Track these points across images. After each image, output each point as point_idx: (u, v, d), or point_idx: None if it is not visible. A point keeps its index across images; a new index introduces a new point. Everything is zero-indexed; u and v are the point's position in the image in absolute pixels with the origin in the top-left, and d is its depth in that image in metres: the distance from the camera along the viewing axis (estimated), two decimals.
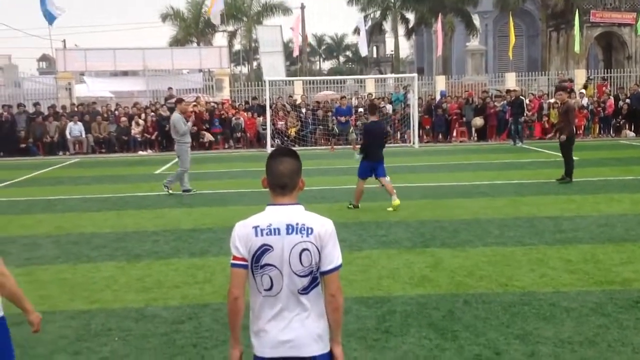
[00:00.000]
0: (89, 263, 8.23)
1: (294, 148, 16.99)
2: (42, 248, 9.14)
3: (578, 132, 25.08)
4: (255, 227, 2.98)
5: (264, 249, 2.95)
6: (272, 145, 23.57)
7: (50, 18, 30.70)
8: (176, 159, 14.82)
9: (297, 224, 2.97)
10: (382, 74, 66.57)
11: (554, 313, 5.88)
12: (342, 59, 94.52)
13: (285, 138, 24.98)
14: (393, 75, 39.50)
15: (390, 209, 11.17)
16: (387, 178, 11.53)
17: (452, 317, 5.90)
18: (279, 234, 2.95)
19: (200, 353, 5.26)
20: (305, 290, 2.98)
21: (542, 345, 5.18)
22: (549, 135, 22.20)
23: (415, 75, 27.58)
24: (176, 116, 13.93)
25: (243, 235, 2.99)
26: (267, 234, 2.96)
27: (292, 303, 2.98)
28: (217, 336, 5.57)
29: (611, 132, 26.35)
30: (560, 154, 14.12)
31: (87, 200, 13.47)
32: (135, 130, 25.25)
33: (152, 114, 25.69)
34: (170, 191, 13.76)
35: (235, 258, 2.99)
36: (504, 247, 8.41)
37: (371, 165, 11.37)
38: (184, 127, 13.81)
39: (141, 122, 25.47)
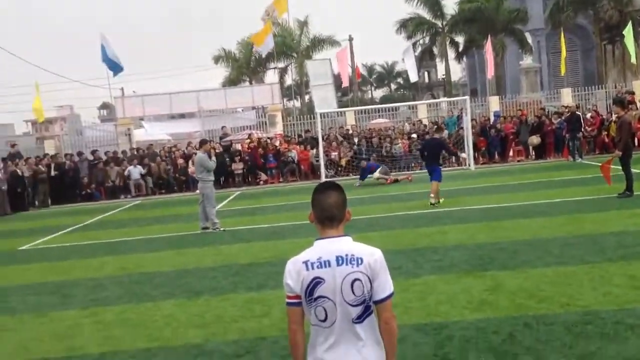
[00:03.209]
0: (150, 302, 8.41)
1: (347, 177, 17.03)
2: (106, 289, 9.38)
3: None
4: (306, 262, 3.05)
5: (316, 282, 3.02)
6: (326, 176, 23.68)
7: (114, 68, 31.81)
8: (233, 195, 15.03)
9: (346, 255, 3.03)
10: (434, 98, 66.28)
11: (618, 331, 5.67)
12: (393, 86, 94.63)
13: (338, 168, 25.06)
14: (445, 99, 39.27)
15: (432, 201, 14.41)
16: (437, 184, 14.65)
17: (512, 340, 5.77)
18: (329, 266, 3.02)
19: None
20: (359, 319, 3.03)
21: None
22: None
23: (468, 97, 27.37)
24: (200, 155, 14.44)
25: (294, 272, 3.07)
26: (317, 267, 3.03)
27: (347, 332, 3.03)
28: None
29: None
30: (621, 169, 13.74)
31: (149, 241, 13.79)
32: (192, 169, 25.80)
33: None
34: (222, 228, 14.02)
35: (288, 297, 3.09)
36: (565, 266, 8.19)
37: (428, 169, 15.14)
38: (211, 163, 14.32)
39: None
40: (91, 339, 6.99)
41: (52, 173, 25.66)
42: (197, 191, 15.44)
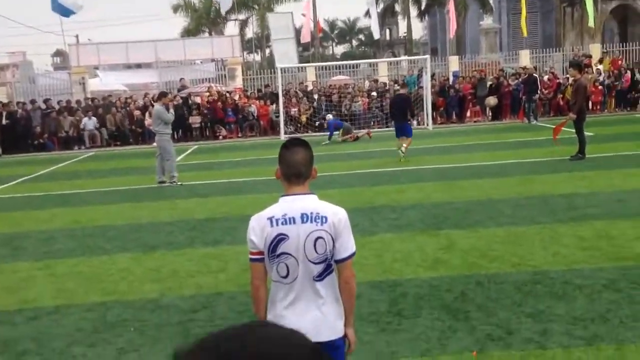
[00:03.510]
0: (104, 255, 8.34)
1: (306, 134, 17.05)
2: (59, 242, 9.26)
3: (595, 108, 24.87)
4: (270, 218, 3.06)
5: (280, 238, 3.03)
6: (285, 133, 23.59)
7: (64, 12, 30.71)
8: (190, 149, 14.85)
9: (311, 213, 3.05)
10: (395, 56, 66.16)
11: (567, 291, 5.87)
12: (354, 42, 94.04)
13: (298, 124, 24.97)
14: (406, 57, 39.21)
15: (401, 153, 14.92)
16: (409, 139, 15.11)
17: (464, 298, 5.92)
18: (294, 223, 3.04)
19: None
20: (320, 277, 3.08)
21: (554, 323, 5.18)
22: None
23: (428, 56, 27.37)
24: (159, 107, 14.24)
25: (258, 228, 3.07)
26: (282, 224, 3.04)
27: (307, 289, 3.08)
28: (232, 324, 5.62)
29: (627, 106, 26.01)
30: (574, 132, 14.00)
31: (102, 194, 13.60)
32: (148, 122, 25.38)
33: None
34: (179, 182, 13.94)
35: (252, 253, 3.11)
36: (516, 226, 8.39)
37: (396, 126, 15.53)
38: (169, 116, 14.13)
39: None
40: (44, 292, 6.91)
41: (4, 122, 24.94)
42: (154, 144, 15.24)
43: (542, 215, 8.84)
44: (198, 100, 26.78)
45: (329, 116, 22.43)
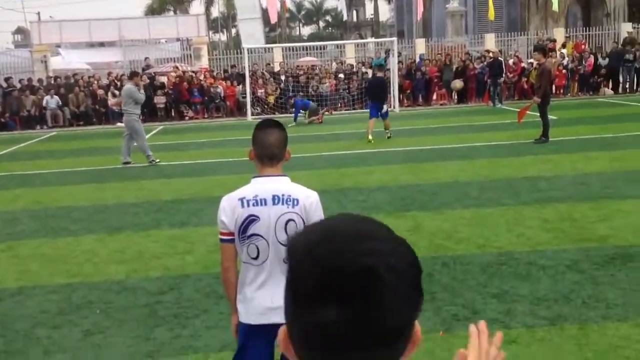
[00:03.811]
0: (69, 237, 8.21)
1: (274, 116, 16.95)
2: (21, 223, 9.09)
3: (558, 92, 25.20)
4: (241, 199, 3.04)
5: (251, 220, 3.02)
6: (252, 114, 23.44)
7: None
8: (156, 130, 14.67)
9: (283, 195, 3.04)
10: (362, 38, 66.12)
11: (531, 271, 5.97)
12: (322, 24, 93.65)
13: (265, 106, 24.83)
14: (373, 39, 39.26)
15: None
16: (373, 120, 15.53)
17: (430, 279, 5.97)
18: (265, 204, 3.02)
19: (181, 323, 5.29)
20: None
21: (518, 303, 5.27)
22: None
23: (395, 39, 27.40)
24: (130, 87, 14.08)
25: (229, 209, 3.05)
26: (253, 205, 3.02)
27: (277, 272, 3.04)
28: (198, 306, 5.61)
29: (590, 90, 26.43)
30: (539, 115, 14.19)
31: (65, 174, 13.37)
32: (111, 102, 24.96)
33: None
34: (157, 160, 13.90)
35: (222, 234, 3.09)
36: (482, 208, 8.49)
37: (372, 106, 15.84)
38: (141, 95, 14.03)
39: (117, 92, 25.17)
40: (7, 273, 6.80)
41: None
42: (119, 124, 15.01)
43: (507, 198, 8.96)
44: (163, 80, 26.42)
45: (299, 95, 22.36)
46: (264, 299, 3.06)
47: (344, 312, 0.90)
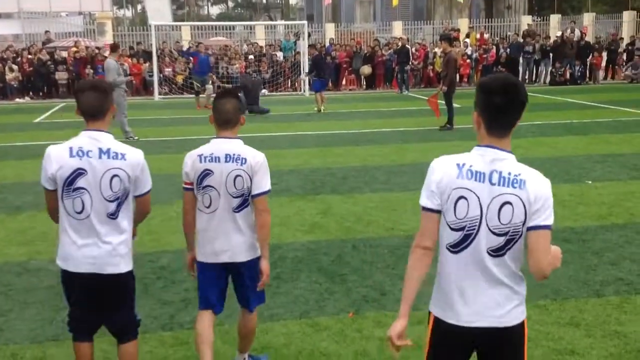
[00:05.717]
0: None
1: (182, 97, 16.56)
2: None
3: (462, 80, 26.05)
4: (200, 155, 3.66)
5: (206, 173, 3.63)
6: (159, 93, 22.89)
7: None
8: (57, 107, 14.05)
9: (234, 154, 3.63)
10: (272, 20, 65.73)
11: (436, 254, 6.17)
12: (230, 4, 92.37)
13: (173, 85, 24.31)
14: (283, 22, 39.12)
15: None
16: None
17: (340, 261, 6.10)
18: (219, 161, 3.63)
19: None
20: (237, 209, 3.68)
21: (424, 285, 5.44)
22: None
23: (305, 22, 27.45)
24: (111, 61, 13.67)
25: (190, 163, 3.68)
26: (209, 161, 3.63)
27: (227, 219, 3.67)
28: None
29: None
30: (444, 103, 14.63)
31: None
32: (10, 76, 23.73)
33: (30, 56, 24.23)
34: (135, 136, 13.75)
35: (185, 183, 3.74)
36: (390, 192, 8.72)
37: (317, 81, 18.87)
38: (123, 76, 13.92)
39: (15, 67, 23.95)
40: None
41: None
42: (17, 100, 14.27)
43: (414, 183, 9.20)
44: (64, 55, 25.33)
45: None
46: (216, 242, 3.68)
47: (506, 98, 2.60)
